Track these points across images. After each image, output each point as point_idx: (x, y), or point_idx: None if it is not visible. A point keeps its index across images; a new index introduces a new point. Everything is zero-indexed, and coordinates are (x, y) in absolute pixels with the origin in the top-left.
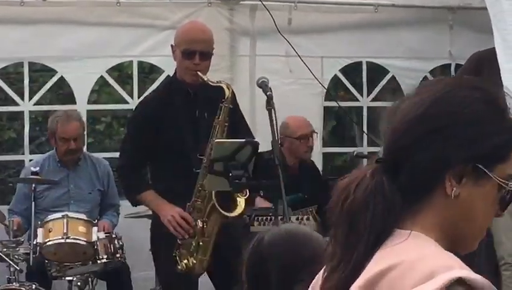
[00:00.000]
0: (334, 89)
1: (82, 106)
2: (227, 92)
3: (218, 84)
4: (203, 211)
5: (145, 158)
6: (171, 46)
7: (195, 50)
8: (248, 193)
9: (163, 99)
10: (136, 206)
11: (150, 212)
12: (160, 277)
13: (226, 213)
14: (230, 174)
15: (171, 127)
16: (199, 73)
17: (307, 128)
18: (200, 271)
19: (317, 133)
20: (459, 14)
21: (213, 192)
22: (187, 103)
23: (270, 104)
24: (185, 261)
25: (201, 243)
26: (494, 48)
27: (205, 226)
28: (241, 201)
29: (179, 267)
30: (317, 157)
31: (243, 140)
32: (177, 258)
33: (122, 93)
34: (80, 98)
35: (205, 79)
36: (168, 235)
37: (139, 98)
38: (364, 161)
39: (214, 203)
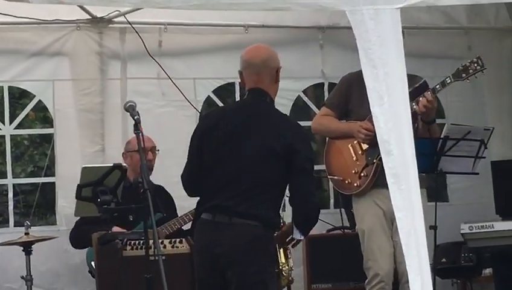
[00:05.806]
0: (208, 111)
1: None
2: None
3: None
4: None
5: None
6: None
7: None
8: None
9: None
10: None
11: (22, 240)
12: None
13: None
14: (99, 200)
15: None
16: None
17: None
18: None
19: (158, 150)
20: (328, 34)
21: None
22: None
23: (137, 128)
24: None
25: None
26: None
27: None
28: None
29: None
30: None
31: (111, 165)
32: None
33: None
34: None
35: None
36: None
37: (10, 123)
38: None
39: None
